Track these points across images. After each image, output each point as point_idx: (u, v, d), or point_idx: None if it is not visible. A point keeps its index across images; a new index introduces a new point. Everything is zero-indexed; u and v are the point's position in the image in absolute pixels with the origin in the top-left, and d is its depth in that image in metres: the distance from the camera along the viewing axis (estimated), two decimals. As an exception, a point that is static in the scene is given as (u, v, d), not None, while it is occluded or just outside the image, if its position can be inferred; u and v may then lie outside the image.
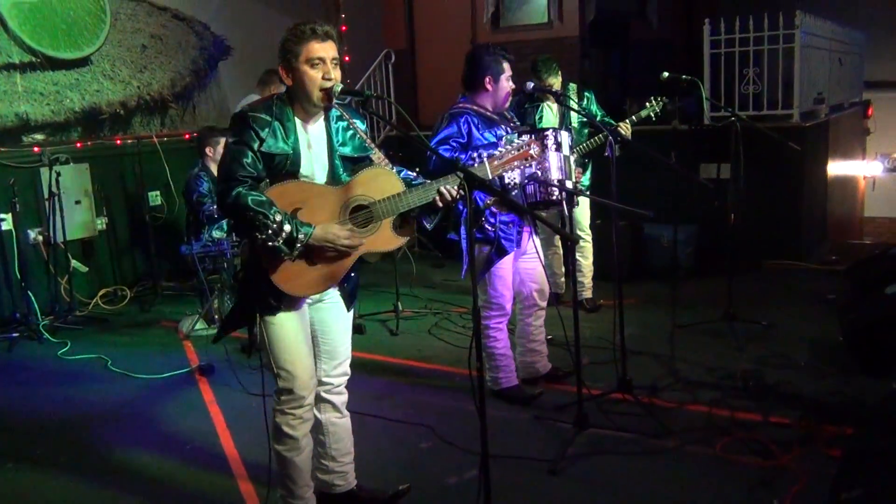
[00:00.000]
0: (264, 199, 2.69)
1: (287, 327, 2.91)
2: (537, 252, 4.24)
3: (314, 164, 2.88)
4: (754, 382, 4.39)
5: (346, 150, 2.96)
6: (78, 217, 6.63)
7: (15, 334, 5.86)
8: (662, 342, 5.05)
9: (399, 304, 5.96)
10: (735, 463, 3.52)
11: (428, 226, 3.01)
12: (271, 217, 2.64)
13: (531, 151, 2.99)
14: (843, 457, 3.45)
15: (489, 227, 4.07)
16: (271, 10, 8.38)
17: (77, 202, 6.64)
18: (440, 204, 2.87)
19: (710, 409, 4.06)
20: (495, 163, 2.97)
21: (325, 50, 2.78)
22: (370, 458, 3.76)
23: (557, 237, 5.75)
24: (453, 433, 3.90)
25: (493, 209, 4.06)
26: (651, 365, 4.74)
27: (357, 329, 5.71)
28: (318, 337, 3.08)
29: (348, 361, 3.18)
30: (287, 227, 2.66)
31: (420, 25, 10.05)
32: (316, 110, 2.87)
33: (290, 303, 2.88)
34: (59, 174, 6.17)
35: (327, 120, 2.94)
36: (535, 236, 4.26)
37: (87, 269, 6.74)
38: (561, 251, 5.97)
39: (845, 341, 4.64)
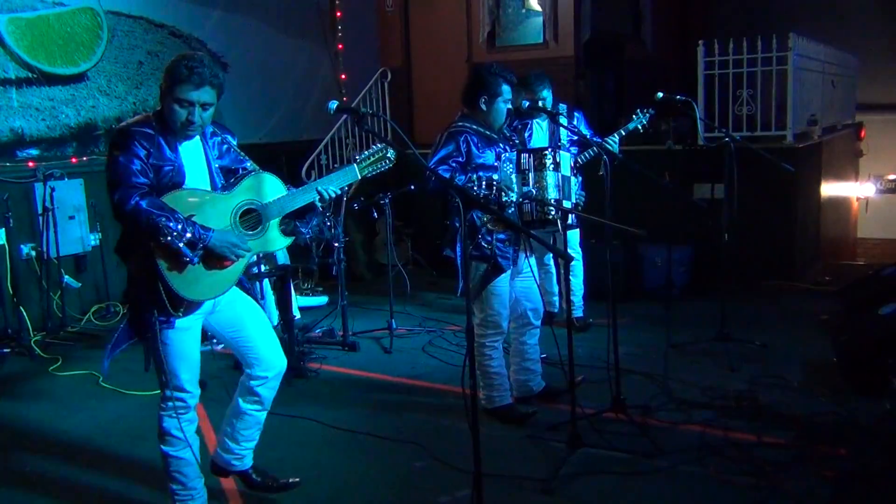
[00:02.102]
0: (164, 203, 2.80)
1: (183, 340, 3.02)
2: (532, 271, 4.24)
3: (195, 176, 2.99)
4: (748, 402, 4.39)
5: (224, 163, 3.10)
6: (71, 232, 6.61)
7: (6, 350, 5.81)
8: (656, 362, 5.04)
9: (393, 321, 5.95)
10: (728, 483, 3.51)
11: (304, 231, 3.12)
12: (174, 220, 2.76)
13: (388, 154, 3.21)
14: (836, 478, 3.45)
15: (485, 245, 4.06)
16: (268, 28, 8.38)
17: (71, 217, 6.62)
18: (320, 204, 3.06)
19: (703, 429, 4.05)
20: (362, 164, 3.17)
21: (199, 95, 2.85)
22: (363, 475, 3.75)
23: (549, 256, 5.75)
24: (446, 451, 3.88)
25: (489, 227, 4.05)
26: (645, 384, 4.73)
27: (351, 346, 5.72)
28: (234, 339, 3.19)
29: (283, 359, 3.26)
30: (189, 230, 2.78)
31: (416, 44, 10.11)
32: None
33: (189, 309, 2.97)
34: (53, 189, 6.17)
35: (203, 136, 3.05)
36: (530, 255, 4.26)
37: (79, 284, 6.71)
38: (553, 270, 5.95)
39: (839, 362, 4.64)
